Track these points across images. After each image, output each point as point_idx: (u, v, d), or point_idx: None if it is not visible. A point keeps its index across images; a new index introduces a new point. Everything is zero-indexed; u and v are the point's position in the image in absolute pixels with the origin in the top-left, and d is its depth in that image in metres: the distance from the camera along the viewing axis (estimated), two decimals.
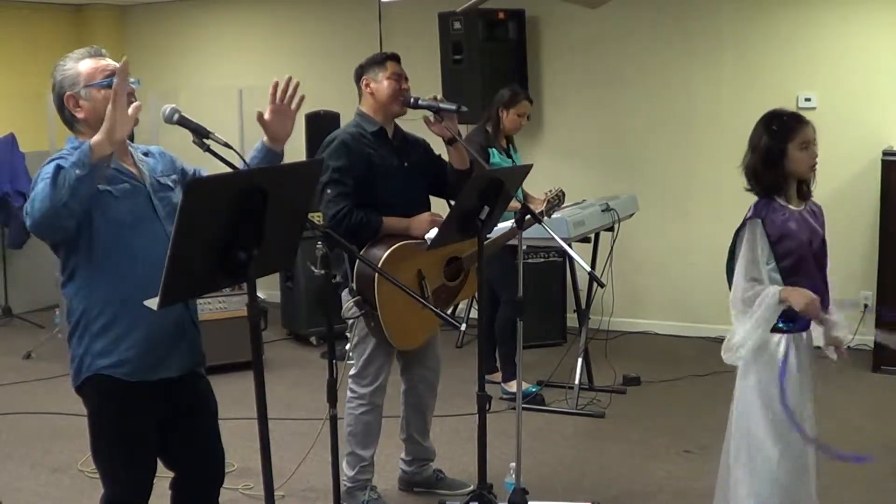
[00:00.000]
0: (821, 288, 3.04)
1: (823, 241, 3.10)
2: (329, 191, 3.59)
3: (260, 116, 2.74)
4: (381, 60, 3.74)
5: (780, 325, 3.00)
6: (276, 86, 2.73)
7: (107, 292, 2.54)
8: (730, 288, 3.13)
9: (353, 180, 3.62)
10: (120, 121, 2.26)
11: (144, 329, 2.54)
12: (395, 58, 3.77)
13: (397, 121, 3.85)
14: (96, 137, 2.27)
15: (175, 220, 2.04)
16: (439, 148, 3.93)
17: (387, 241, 3.62)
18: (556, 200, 3.90)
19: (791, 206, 3.04)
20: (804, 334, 3.06)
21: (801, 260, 3.00)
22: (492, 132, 5.28)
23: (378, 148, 3.71)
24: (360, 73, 3.76)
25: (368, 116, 3.75)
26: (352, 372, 3.82)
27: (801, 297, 2.90)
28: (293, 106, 2.75)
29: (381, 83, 3.72)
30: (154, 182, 2.67)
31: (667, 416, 5.08)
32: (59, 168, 2.30)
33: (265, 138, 2.77)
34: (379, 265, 3.49)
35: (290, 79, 2.75)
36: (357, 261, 3.57)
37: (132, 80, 2.61)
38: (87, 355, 2.58)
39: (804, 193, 3.09)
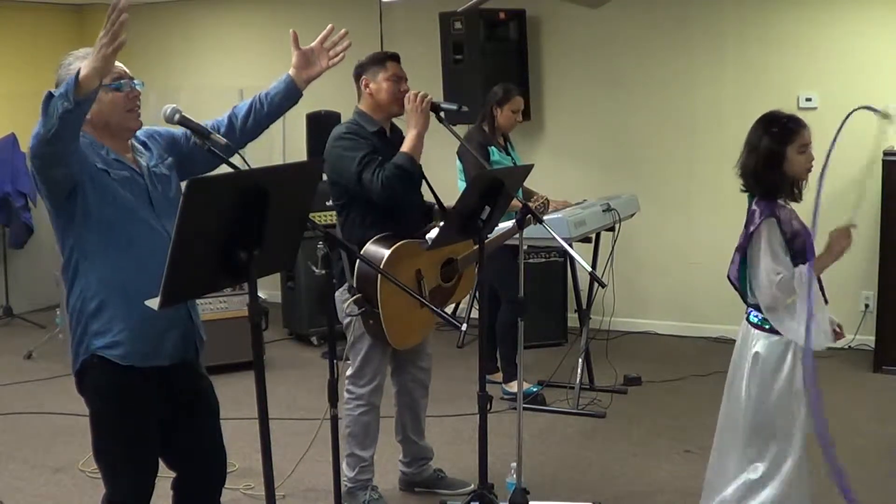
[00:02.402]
0: (822, 286, 3.06)
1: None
2: (365, 175, 3.58)
3: (295, 38, 2.87)
4: (380, 60, 3.73)
5: None
6: (330, 30, 2.88)
7: (101, 274, 2.55)
8: (740, 292, 3.13)
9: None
10: (112, 57, 2.25)
11: (137, 313, 2.53)
12: (395, 58, 3.76)
13: (395, 120, 3.86)
14: (84, 72, 2.24)
15: (176, 221, 2.04)
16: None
17: (389, 240, 3.62)
18: (542, 209, 3.95)
19: (788, 206, 3.07)
20: None
21: (810, 258, 3.01)
22: (488, 130, 5.29)
23: (379, 146, 3.71)
24: (359, 72, 3.76)
25: (368, 116, 3.75)
26: (348, 373, 3.82)
27: (833, 255, 2.96)
28: (327, 59, 2.88)
29: (380, 84, 3.71)
30: (151, 175, 2.68)
31: (668, 417, 5.08)
32: (49, 96, 2.29)
33: (292, 69, 2.88)
34: (382, 264, 3.49)
35: (345, 33, 2.90)
36: (358, 259, 3.57)
37: (136, 81, 2.63)
38: (85, 336, 2.59)
39: (795, 196, 3.09)
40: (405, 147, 3.64)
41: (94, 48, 2.25)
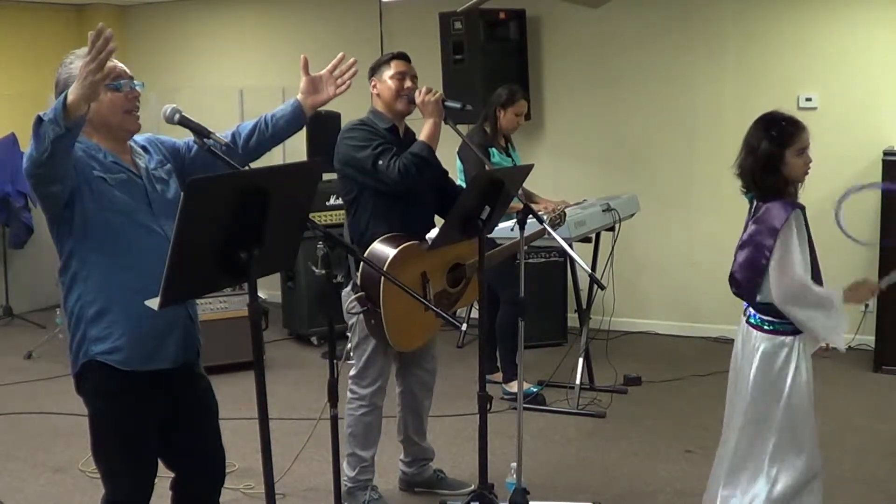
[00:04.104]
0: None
1: None
2: (381, 162, 3.58)
3: (305, 63, 2.90)
4: (387, 60, 3.75)
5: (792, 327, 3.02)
6: (341, 58, 2.93)
7: (101, 279, 2.55)
8: (742, 292, 3.12)
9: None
10: (100, 84, 2.26)
11: (137, 317, 2.53)
12: (401, 56, 3.75)
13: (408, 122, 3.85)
14: (72, 98, 2.24)
15: (176, 221, 2.04)
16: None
17: (396, 240, 3.62)
18: (558, 220, 3.94)
19: None
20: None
21: (815, 255, 3.01)
22: (490, 132, 5.29)
23: (392, 141, 3.70)
24: (370, 74, 3.77)
25: (380, 114, 3.76)
26: (352, 373, 3.82)
27: (861, 297, 3.01)
28: (334, 87, 2.92)
29: (385, 83, 3.72)
30: (150, 176, 2.68)
31: (668, 417, 5.08)
32: (39, 120, 2.30)
33: (300, 94, 2.91)
34: (386, 264, 3.49)
35: (353, 62, 2.94)
36: (366, 255, 3.57)
37: (137, 83, 2.63)
38: (84, 341, 2.58)
39: (792, 196, 3.07)
40: (422, 136, 3.65)
41: (79, 73, 2.24)
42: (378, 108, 3.77)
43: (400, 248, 3.56)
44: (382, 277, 3.48)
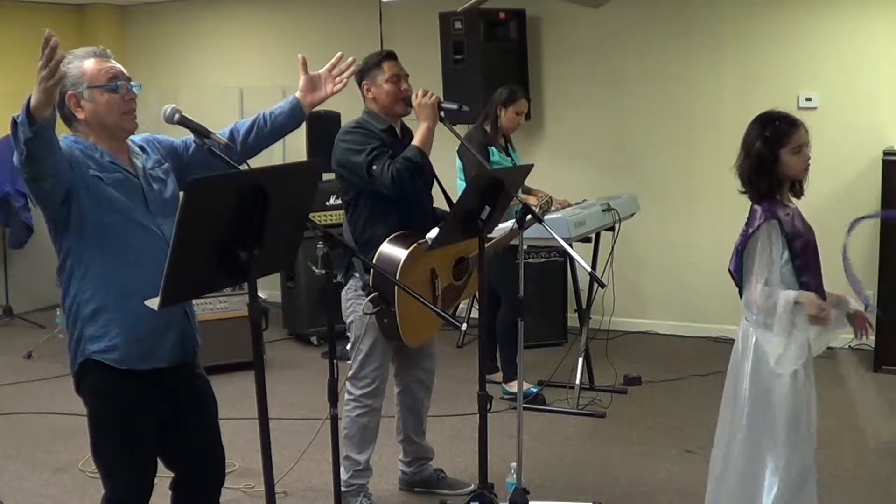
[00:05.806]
0: (822, 285, 3.06)
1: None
2: (375, 167, 3.58)
3: (304, 63, 2.93)
4: (377, 63, 3.72)
5: None
6: (339, 57, 2.96)
7: (97, 277, 2.55)
8: (738, 288, 3.12)
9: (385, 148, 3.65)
10: (54, 90, 2.25)
11: (133, 316, 2.53)
12: (392, 56, 3.75)
13: (406, 121, 3.85)
14: (33, 103, 2.26)
15: (176, 220, 2.04)
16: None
17: (403, 239, 3.62)
18: (547, 206, 3.95)
19: (790, 205, 3.06)
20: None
21: (810, 258, 3.00)
22: (490, 131, 5.29)
23: (389, 142, 3.71)
24: (360, 77, 3.74)
25: (376, 115, 3.75)
26: (349, 374, 3.82)
27: (813, 304, 2.94)
28: (332, 85, 2.94)
29: (381, 87, 3.70)
30: (147, 175, 2.68)
31: (668, 416, 5.08)
32: (14, 123, 2.31)
33: (299, 92, 2.94)
34: (399, 267, 3.50)
35: (352, 61, 2.97)
36: (377, 256, 3.58)
37: (134, 84, 2.64)
38: (81, 339, 2.59)
39: (797, 192, 3.08)
40: (416, 140, 3.65)
41: (36, 81, 2.24)
42: (373, 109, 3.76)
43: (410, 249, 3.57)
44: (397, 275, 3.48)
